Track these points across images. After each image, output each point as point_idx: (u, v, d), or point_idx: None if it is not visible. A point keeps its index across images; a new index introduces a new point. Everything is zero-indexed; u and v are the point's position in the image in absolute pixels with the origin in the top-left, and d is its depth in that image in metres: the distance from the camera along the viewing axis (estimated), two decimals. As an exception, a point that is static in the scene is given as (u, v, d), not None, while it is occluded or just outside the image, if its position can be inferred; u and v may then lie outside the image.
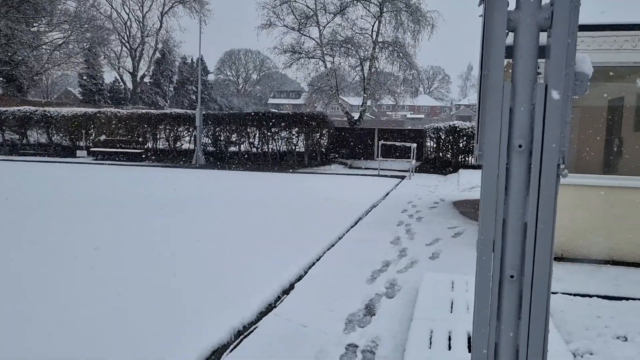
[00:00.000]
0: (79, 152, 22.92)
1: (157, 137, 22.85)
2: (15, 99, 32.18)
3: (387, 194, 12.45)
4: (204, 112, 22.11)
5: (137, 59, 49.26)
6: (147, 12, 48.15)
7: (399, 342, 3.64)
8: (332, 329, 3.92)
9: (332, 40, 26.15)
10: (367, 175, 18.15)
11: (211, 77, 64.86)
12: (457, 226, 8.22)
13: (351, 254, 6.27)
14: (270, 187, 13.38)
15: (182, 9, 46.43)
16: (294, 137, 21.35)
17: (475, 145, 1.41)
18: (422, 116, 73.11)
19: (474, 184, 14.26)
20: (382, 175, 18.14)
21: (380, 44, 25.49)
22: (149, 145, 22.87)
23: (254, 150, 21.79)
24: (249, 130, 21.62)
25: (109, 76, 55.68)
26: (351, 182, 15.41)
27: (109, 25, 44.69)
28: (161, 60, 52.11)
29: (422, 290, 4.46)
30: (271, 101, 76.93)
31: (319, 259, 6.04)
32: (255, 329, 3.89)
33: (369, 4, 25.11)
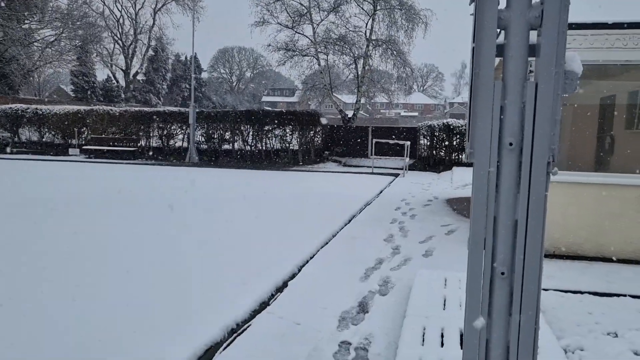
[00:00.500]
0: (72, 150, 22.79)
1: (150, 135, 22.74)
2: (6, 96, 31.93)
3: (380, 192, 12.47)
4: (198, 110, 22.05)
5: (130, 56, 49.00)
6: (139, 9, 47.90)
7: (392, 339, 3.65)
8: (325, 326, 3.93)
9: (326, 38, 26.12)
10: (361, 173, 18.17)
11: (205, 75, 64.64)
12: (450, 224, 8.25)
13: (345, 252, 6.28)
14: (263, 185, 13.37)
15: (175, 6, 46.19)
16: (288, 135, 21.33)
17: (466, 143, 1.41)
18: (416, 114, 73.29)
19: (468, 181, 14.31)
20: (376, 173, 18.17)
21: (373, 42, 25.48)
22: (142, 143, 22.76)
23: (248, 148, 21.75)
24: (242, 128, 21.56)
25: (101, 74, 55.51)
26: (345, 180, 15.43)
27: (101, 22, 44.43)
28: (154, 57, 51.88)
29: (415, 287, 4.48)
30: (265, 99, 76.84)
31: (313, 256, 6.05)
32: (248, 327, 3.90)
33: (362, 2, 25.09)
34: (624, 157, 7.02)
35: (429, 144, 20.75)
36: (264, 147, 21.60)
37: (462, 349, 1.50)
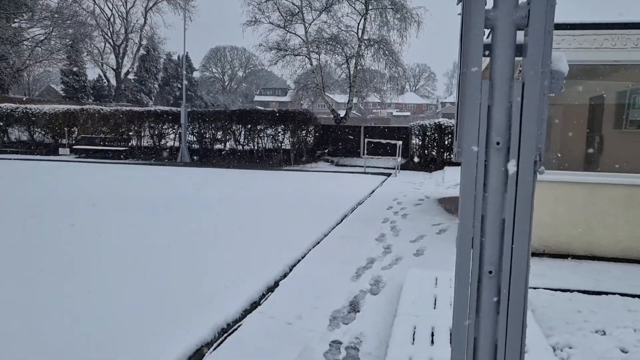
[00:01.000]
0: (62, 150, 22.61)
1: (142, 134, 22.61)
2: (-4, 95, 31.65)
3: (372, 192, 12.49)
4: (189, 110, 21.96)
5: (121, 55, 48.69)
6: (130, 8, 47.59)
7: (383, 338, 3.66)
8: (316, 326, 3.93)
9: (318, 37, 26.10)
10: (353, 172, 18.19)
11: (196, 74, 64.40)
12: (441, 223, 8.28)
13: (336, 251, 6.29)
14: (255, 185, 13.35)
15: (167, 5, 45.93)
16: (280, 134, 21.30)
17: (454, 142, 1.42)
18: (408, 114, 73.46)
19: (459, 181, 14.36)
20: (368, 172, 18.20)
21: (366, 42, 25.50)
22: (133, 142, 22.64)
23: (240, 147, 21.70)
24: (234, 127, 21.50)
25: (92, 73, 55.17)
26: (337, 179, 15.43)
27: (92, 21, 44.08)
28: (145, 57, 51.58)
29: (406, 286, 4.49)
30: (257, 98, 76.67)
31: (304, 256, 6.05)
32: (239, 326, 3.89)
33: (354, 1, 25.10)
34: (612, 156, 7.09)
35: (420, 143, 20.81)
36: (256, 147, 21.56)
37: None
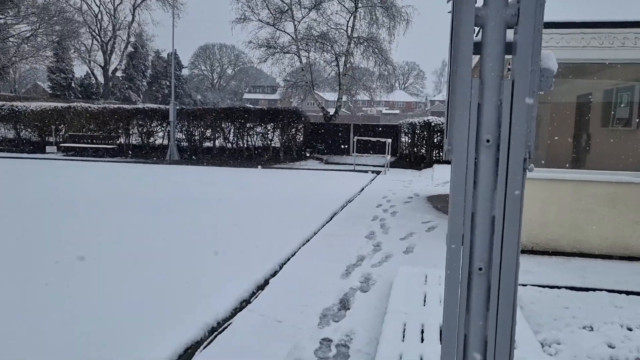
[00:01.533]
0: (49, 148, 22.39)
1: (130, 132, 22.47)
2: (-19, 93, 31.24)
3: (362, 189, 12.51)
4: (178, 107, 21.84)
5: (109, 52, 48.22)
6: (118, 5, 47.09)
7: (373, 336, 3.67)
8: (306, 323, 3.93)
9: (307, 35, 26.06)
10: (343, 170, 18.21)
11: (185, 72, 64.05)
12: (431, 220, 8.32)
13: (326, 249, 6.29)
14: (245, 183, 13.32)
15: (155, 2, 45.53)
16: (270, 132, 21.26)
17: (445, 140, 1.43)
18: (397, 112, 73.63)
19: (448, 179, 14.36)
20: (358, 170, 18.23)
21: (355, 40, 25.52)
22: (122, 140, 22.49)
23: (229, 145, 21.63)
24: (223, 125, 21.43)
25: (79, 70, 54.59)
26: (327, 177, 15.44)
27: (79, 17, 43.58)
28: (134, 54, 51.18)
29: (396, 284, 4.51)
30: (246, 96, 76.43)
31: (294, 254, 6.04)
32: (229, 325, 3.88)
33: (343, -1, 25.12)
34: (599, 154, 7.16)
35: (410, 141, 20.88)
36: (246, 145, 21.51)
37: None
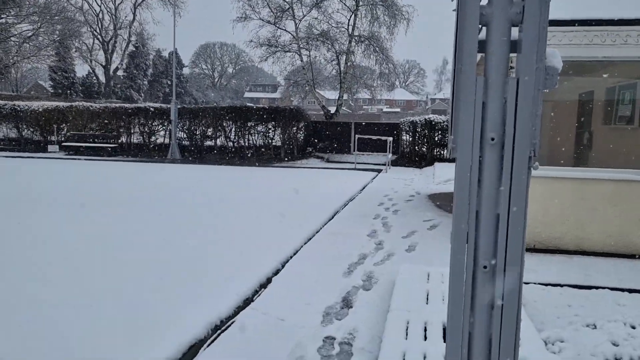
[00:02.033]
0: (51, 147, 22.41)
1: (131, 131, 22.47)
2: (-18, 92, 31.26)
3: (363, 188, 12.51)
4: (179, 106, 21.84)
5: (110, 52, 48.29)
6: (119, 4, 47.17)
7: (376, 334, 3.68)
8: (309, 322, 3.94)
9: (308, 33, 26.07)
10: (344, 169, 18.21)
11: (186, 71, 64.03)
12: (432, 219, 8.32)
13: (328, 247, 6.29)
14: (246, 182, 13.32)
15: (156, 1, 45.61)
16: (271, 131, 21.26)
17: (449, 138, 1.42)
18: (398, 110, 73.59)
19: (449, 177, 14.42)
20: (359, 169, 18.22)
21: (356, 38, 25.51)
22: (123, 139, 22.50)
23: (230, 144, 21.64)
24: (225, 124, 21.44)
25: (81, 69, 54.51)
26: (328, 175, 15.44)
27: (80, 17, 43.64)
28: (135, 53, 51.20)
29: (398, 282, 4.51)
30: (247, 95, 76.41)
31: (296, 252, 6.05)
32: (232, 323, 3.89)
33: (345, -3, 25.10)
34: (602, 152, 7.15)
35: (411, 139, 20.87)
36: (247, 144, 21.51)
37: (445, 342, 1.52)
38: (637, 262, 5.74)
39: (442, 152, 20.25)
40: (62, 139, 22.74)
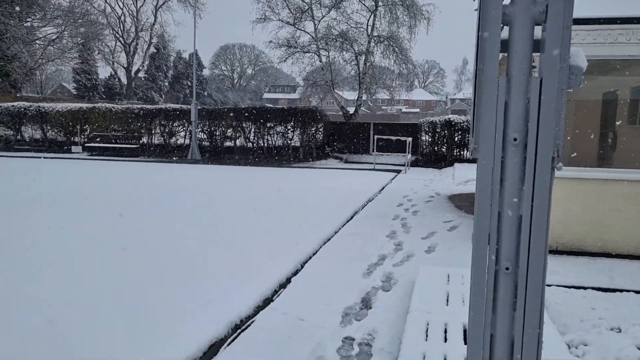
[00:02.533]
0: (74, 148, 22.80)
1: (152, 132, 22.75)
2: (9, 94, 31.97)
3: (382, 188, 12.47)
4: (199, 107, 22.03)
5: (132, 53, 48.95)
6: (141, 7, 47.80)
7: (396, 335, 3.66)
8: (328, 322, 3.94)
9: (327, 34, 26.07)
10: (363, 169, 18.17)
11: (206, 72, 64.55)
12: (452, 220, 8.25)
13: (347, 248, 6.29)
14: (266, 182, 13.38)
15: (177, 2, 46.11)
16: (290, 131, 21.32)
17: (470, 139, 1.42)
18: (417, 110, 73.16)
19: (469, 177, 14.30)
20: (378, 169, 18.16)
21: (375, 38, 25.43)
22: (144, 140, 22.78)
23: (250, 145, 21.76)
24: (244, 125, 21.55)
25: (103, 71, 55.48)
26: (347, 176, 15.42)
27: (103, 20, 44.36)
28: (156, 55, 51.82)
29: (418, 283, 4.48)
30: (266, 96, 76.75)
31: (315, 252, 6.06)
32: (252, 322, 3.91)
33: (364, -3, 25.04)
34: (626, 152, 7.01)
35: (430, 140, 20.72)
36: (266, 144, 21.61)
37: (465, 344, 1.51)
38: (663, 265, 5.61)
39: (461, 152, 20.06)
40: (85, 140, 23.13)
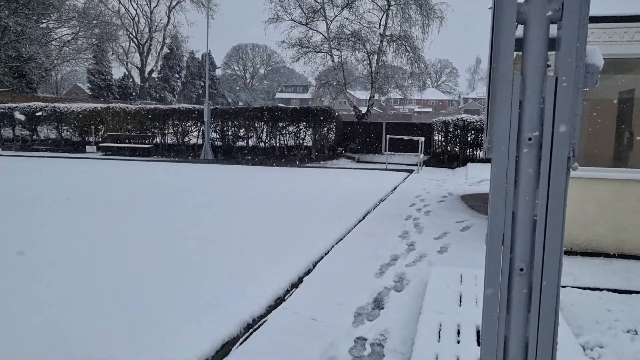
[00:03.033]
0: (89, 148, 23.04)
1: (166, 132, 22.91)
2: (25, 94, 32.40)
3: (395, 188, 12.43)
4: (212, 107, 22.13)
5: (145, 54, 49.35)
6: (154, 7, 48.19)
7: (408, 335, 3.65)
8: (341, 322, 3.94)
9: (340, 34, 26.04)
10: (375, 169, 18.13)
11: (219, 72, 64.93)
12: (465, 220, 8.20)
13: (360, 248, 6.28)
14: (278, 182, 13.41)
15: (190, 3, 46.38)
16: (302, 131, 21.34)
17: (484, 138, 1.40)
18: (429, 110, 72.84)
19: (482, 177, 14.20)
20: (390, 169, 18.11)
21: (387, 38, 25.36)
22: (158, 140, 22.95)
23: (262, 144, 21.82)
24: (256, 124, 21.62)
25: (117, 72, 55.90)
26: (359, 176, 15.40)
27: (117, 21, 44.77)
28: (169, 55, 52.24)
29: (430, 284, 4.46)
30: (278, 95, 76.89)
31: (328, 252, 6.06)
32: (264, 322, 3.92)
33: (376, -3, 24.98)
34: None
35: (443, 140, 20.61)
36: (278, 144, 21.65)
37: (478, 345, 1.50)
38: (680, 267, 5.52)
39: (474, 152, 19.92)
40: (100, 140, 23.35)
